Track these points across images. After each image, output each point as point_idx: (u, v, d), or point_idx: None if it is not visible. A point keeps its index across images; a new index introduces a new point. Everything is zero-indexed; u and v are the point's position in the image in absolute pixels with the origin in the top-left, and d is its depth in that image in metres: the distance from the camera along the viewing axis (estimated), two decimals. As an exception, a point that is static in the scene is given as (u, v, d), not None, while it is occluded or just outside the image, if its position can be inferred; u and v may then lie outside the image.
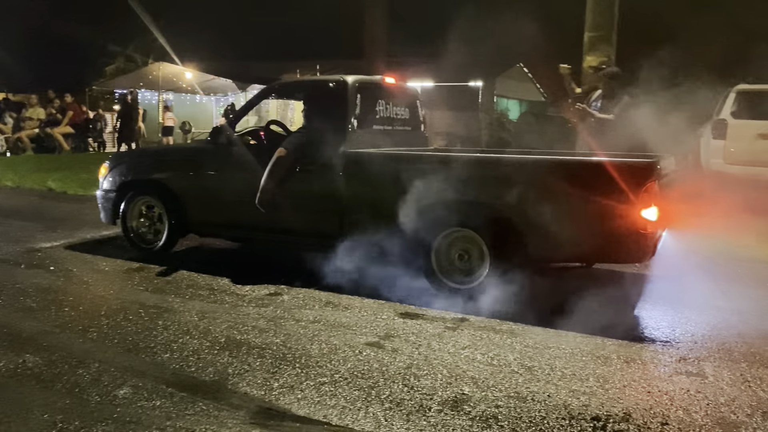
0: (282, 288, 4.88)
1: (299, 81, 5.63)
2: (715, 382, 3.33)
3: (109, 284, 4.93)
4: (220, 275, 5.20)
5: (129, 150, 14.03)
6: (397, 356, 3.57)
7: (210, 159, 5.59)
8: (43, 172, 11.79)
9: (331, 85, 5.29)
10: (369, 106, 5.43)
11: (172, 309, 4.33)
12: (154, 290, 4.79)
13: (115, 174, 6.08)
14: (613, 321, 4.13)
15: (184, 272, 5.30)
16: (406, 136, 5.95)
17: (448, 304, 4.45)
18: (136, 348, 3.61)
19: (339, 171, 4.99)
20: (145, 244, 5.93)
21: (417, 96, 6.25)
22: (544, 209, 4.33)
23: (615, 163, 4.23)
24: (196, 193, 5.62)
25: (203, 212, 5.66)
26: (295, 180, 5.13)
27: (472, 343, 3.80)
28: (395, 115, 5.80)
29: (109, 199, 6.07)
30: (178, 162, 5.82)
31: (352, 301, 4.60)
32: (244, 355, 3.54)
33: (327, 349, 3.65)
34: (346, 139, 5.07)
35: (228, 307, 4.41)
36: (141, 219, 5.95)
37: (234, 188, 5.45)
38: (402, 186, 4.73)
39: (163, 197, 5.78)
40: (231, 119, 5.57)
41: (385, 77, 5.75)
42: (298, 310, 4.36)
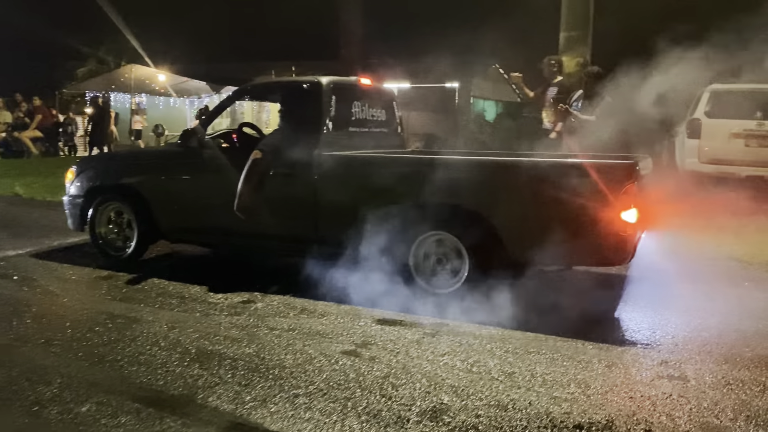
0: (256, 295, 4.74)
1: (273, 82, 5.49)
2: (697, 385, 3.27)
3: (75, 294, 4.76)
4: (191, 283, 5.04)
5: (97, 154, 13.69)
6: (375, 365, 3.46)
7: (180, 163, 5.43)
8: (10, 177, 11.48)
9: (305, 86, 5.17)
10: (344, 107, 5.32)
11: (141, 319, 4.17)
12: (122, 299, 4.63)
13: (82, 179, 5.89)
14: (594, 324, 4.08)
15: (155, 280, 5.13)
16: (382, 137, 5.85)
17: (428, 309, 4.34)
18: (102, 361, 3.45)
19: (313, 174, 4.87)
20: (114, 251, 5.75)
21: (393, 97, 6.16)
22: (522, 212, 4.27)
23: (594, 165, 4.18)
24: (166, 198, 5.46)
25: (173, 218, 5.50)
26: (270, 183, 5.00)
27: (452, 350, 3.70)
28: (371, 117, 5.70)
29: (77, 205, 5.87)
30: (147, 166, 5.65)
31: (328, 307, 4.48)
32: (215, 366, 3.41)
33: (302, 359, 3.53)
34: (320, 142, 4.96)
35: (199, 316, 4.27)
36: (110, 225, 5.77)
37: (205, 192, 5.31)
38: (378, 189, 4.63)
39: (132, 203, 5.61)
40: (202, 122, 5.42)
41: (360, 78, 5.65)
42: (272, 318, 4.24)
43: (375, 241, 4.57)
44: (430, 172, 4.46)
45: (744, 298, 4.77)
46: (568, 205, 4.09)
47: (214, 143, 5.48)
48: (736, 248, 5.98)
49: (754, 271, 5.64)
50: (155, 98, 23.56)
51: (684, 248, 5.47)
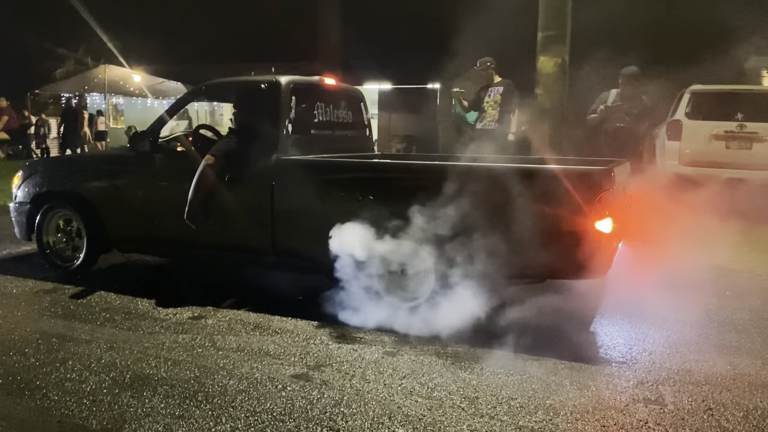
0: (208, 310, 4.42)
1: (228, 82, 5.15)
2: (675, 410, 3.01)
3: (12, 310, 4.40)
4: (141, 296, 4.71)
5: (43, 158, 13.18)
6: (326, 391, 3.16)
7: (129, 168, 5.09)
8: (-29, 181, 11.03)
9: (262, 86, 4.85)
10: (306, 108, 5.01)
11: (78, 339, 3.84)
12: (62, 316, 4.29)
13: (29, 184, 5.53)
14: (567, 340, 3.82)
15: (102, 293, 4.79)
16: (348, 140, 5.55)
17: (390, 324, 4.05)
18: (23, 390, 3.12)
19: (271, 180, 4.55)
20: (62, 261, 5.40)
21: (361, 98, 5.86)
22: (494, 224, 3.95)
23: (566, 172, 3.90)
24: (116, 206, 5.12)
25: (123, 226, 5.16)
26: (224, 191, 4.68)
27: (412, 371, 3.41)
28: (336, 119, 5.40)
29: (23, 213, 5.52)
30: (95, 171, 5.29)
31: (284, 323, 4.17)
32: (149, 394, 3.09)
33: (246, 385, 3.21)
34: (278, 146, 4.65)
35: (142, 334, 3.94)
36: (58, 234, 5.42)
37: (156, 200, 4.98)
38: (340, 196, 4.34)
39: (80, 210, 5.26)
40: (154, 124, 5.08)
41: (324, 78, 5.34)
42: (221, 336, 3.92)
43: (335, 252, 4.27)
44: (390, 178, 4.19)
45: (725, 309, 4.54)
46: (539, 215, 3.80)
47: (167, 147, 5.16)
48: (718, 255, 5.74)
49: (735, 279, 5.42)
50: (132, 99, 23.09)
51: (663, 256, 5.22)
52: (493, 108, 8.02)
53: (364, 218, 4.17)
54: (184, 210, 4.61)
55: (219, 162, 4.61)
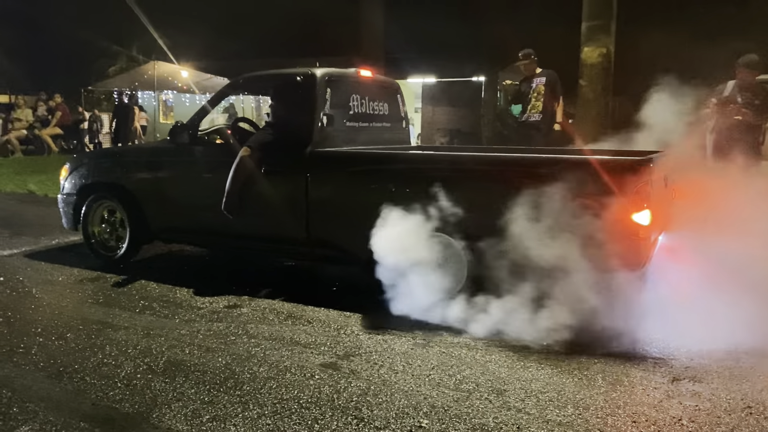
0: (243, 299, 4.49)
1: (265, 74, 5.19)
2: (712, 408, 2.91)
3: (57, 297, 4.56)
4: (180, 285, 4.82)
5: (90, 150, 13.52)
6: (353, 380, 3.17)
7: (170, 160, 5.21)
8: (26, 174, 11.49)
9: (298, 78, 4.88)
10: (341, 101, 5.03)
11: (117, 325, 3.95)
12: (103, 303, 4.42)
13: (75, 176, 5.71)
14: (601, 335, 3.72)
15: (142, 282, 4.92)
16: (384, 133, 5.54)
17: (423, 317, 4.03)
18: (62, 373, 3.23)
19: (305, 172, 4.59)
20: (106, 251, 5.56)
21: (397, 90, 5.84)
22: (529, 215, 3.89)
23: (602, 162, 3.81)
24: (157, 197, 5.25)
25: (164, 217, 5.28)
26: (260, 182, 4.74)
27: (440, 363, 3.39)
28: (372, 111, 5.39)
29: (70, 204, 5.71)
30: (137, 163, 5.43)
31: (316, 313, 4.20)
32: (181, 379, 3.16)
33: (275, 372, 3.25)
34: (313, 138, 4.67)
35: (178, 322, 4.03)
36: (102, 225, 5.59)
37: (196, 191, 5.08)
38: (374, 188, 4.35)
39: (123, 201, 5.41)
40: (193, 117, 5.17)
41: (360, 70, 5.34)
42: (254, 324, 3.97)
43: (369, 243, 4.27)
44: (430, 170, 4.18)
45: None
46: (574, 206, 3.72)
47: (206, 139, 5.25)
48: (767, 251, 5.51)
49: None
50: (182, 95, 23.57)
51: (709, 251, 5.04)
52: (537, 99, 7.90)
53: (398, 210, 4.16)
54: (222, 201, 4.69)
55: (255, 153, 4.67)
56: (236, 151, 4.73)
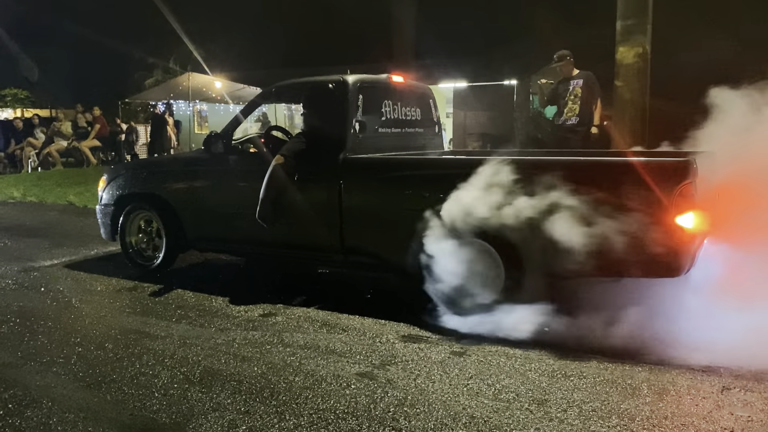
0: (278, 308, 4.48)
1: (297, 82, 5.19)
2: (766, 419, 2.78)
3: (95, 307, 4.61)
4: (215, 294, 4.84)
5: (127, 161, 13.69)
6: (390, 390, 3.12)
7: (204, 169, 5.25)
8: (66, 186, 11.74)
9: (330, 86, 4.88)
10: (373, 107, 5.00)
11: (153, 334, 3.97)
12: (140, 312, 4.46)
13: (113, 187, 5.79)
14: (645, 341, 3.60)
15: (178, 291, 4.96)
16: (417, 138, 5.50)
17: (459, 324, 3.97)
18: (100, 383, 3.25)
19: (338, 179, 4.57)
20: (143, 260, 5.62)
21: (429, 95, 5.79)
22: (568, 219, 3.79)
23: (644, 164, 3.70)
24: (191, 206, 5.29)
25: (200, 226, 5.32)
26: (294, 190, 4.74)
27: (479, 372, 3.32)
28: (405, 117, 5.35)
29: (108, 214, 5.79)
30: (172, 173, 5.48)
31: (351, 321, 4.17)
32: (218, 389, 3.15)
33: (311, 382, 3.22)
34: (346, 144, 4.65)
35: (214, 331, 4.03)
36: (139, 234, 5.65)
37: (230, 200, 5.10)
38: (408, 195, 4.30)
39: (160, 211, 5.47)
40: (227, 126, 5.21)
41: (392, 76, 5.31)
42: (289, 333, 3.95)
43: (403, 251, 4.23)
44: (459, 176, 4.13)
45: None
46: (614, 209, 3.62)
47: (240, 148, 5.27)
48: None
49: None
50: (215, 106, 23.90)
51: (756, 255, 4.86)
52: (573, 102, 7.76)
53: (432, 217, 4.11)
54: (256, 210, 4.70)
55: (288, 161, 4.67)
56: (269, 159, 4.74)
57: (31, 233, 7.67)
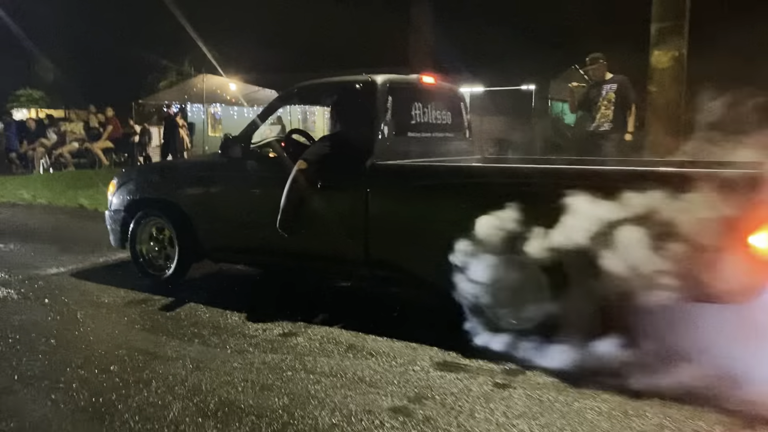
0: (299, 326, 4.12)
1: (321, 83, 4.85)
2: None
3: (102, 322, 4.28)
4: (230, 309, 4.49)
5: (139, 165, 13.31)
6: (430, 430, 2.75)
7: (220, 174, 4.91)
8: (77, 188, 11.47)
9: (357, 86, 4.53)
10: (403, 110, 4.65)
11: (164, 356, 3.62)
12: (150, 329, 4.11)
13: (123, 191, 5.47)
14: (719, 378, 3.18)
15: (191, 305, 4.61)
16: (447, 143, 5.13)
17: (501, 350, 3.59)
18: (103, 415, 2.90)
19: (365, 187, 4.21)
20: (155, 270, 5.29)
21: (461, 97, 5.43)
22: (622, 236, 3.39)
23: (710, 176, 3.30)
24: (206, 214, 4.95)
25: (214, 235, 4.98)
26: (317, 198, 4.39)
27: (528, 410, 2.94)
28: (435, 120, 5.00)
29: (117, 220, 5.47)
30: (186, 178, 5.15)
31: (378, 344, 3.80)
32: (235, 425, 2.79)
33: (339, 418, 2.86)
34: (374, 150, 4.30)
35: (230, 353, 3.68)
36: (151, 243, 5.32)
37: (247, 208, 4.77)
38: (443, 205, 3.94)
39: (172, 218, 5.13)
40: (245, 130, 4.87)
41: (422, 76, 4.96)
42: (312, 357, 3.59)
43: (435, 265, 3.87)
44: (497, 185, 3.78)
45: None
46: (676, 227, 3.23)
47: (259, 153, 4.93)
48: None
49: None
50: (230, 108, 23.64)
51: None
52: (607, 107, 7.37)
53: (469, 229, 3.73)
54: (276, 218, 4.36)
55: (312, 167, 4.32)
56: (290, 165, 4.39)
57: (39, 238, 7.37)
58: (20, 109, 28.50)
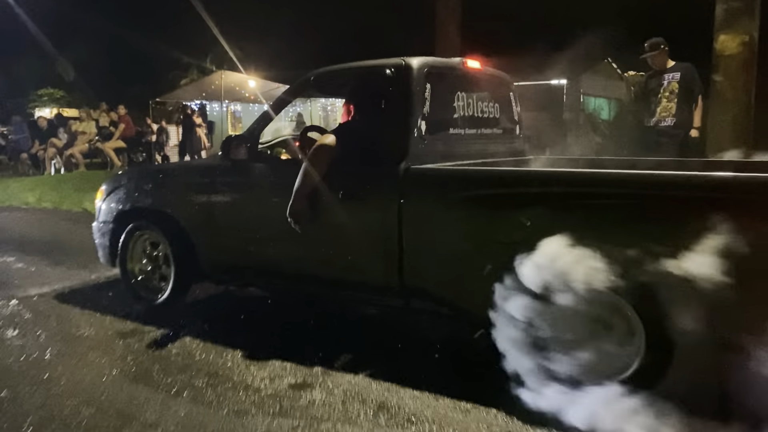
0: (315, 373, 3.27)
1: (343, 69, 4.01)
2: None
3: (74, 365, 3.46)
4: (233, 345, 3.66)
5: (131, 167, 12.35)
6: None
7: (223, 181, 4.07)
8: (85, 191, 10.75)
9: (388, 72, 3.65)
10: (444, 101, 3.78)
11: (142, 419, 2.79)
12: (132, 376, 3.30)
13: (113, 199, 4.68)
14: None
15: (186, 340, 3.80)
16: (496, 142, 4.25)
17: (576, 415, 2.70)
18: None
19: (399, 197, 3.35)
20: (148, 293, 4.49)
21: (510, 86, 4.53)
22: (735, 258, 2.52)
23: None
24: (207, 227, 4.13)
25: (216, 253, 4.16)
26: (339, 209, 3.54)
27: None
28: (481, 114, 4.12)
29: (106, 234, 4.68)
30: (184, 185, 4.33)
31: (418, 403, 2.93)
32: None
33: None
34: (409, 151, 3.44)
35: (227, 413, 2.85)
36: (144, 261, 4.52)
37: (255, 220, 3.93)
38: (499, 222, 3.08)
39: (168, 232, 4.32)
40: (252, 127, 4.04)
41: (466, 60, 4.08)
42: (332, 424, 2.74)
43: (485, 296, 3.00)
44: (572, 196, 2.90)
45: None
46: None
47: (270, 154, 4.11)
48: None
49: None
50: (249, 106, 22.93)
51: None
52: (669, 99, 6.42)
53: (536, 254, 2.86)
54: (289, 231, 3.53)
55: (341, 145, 3.48)
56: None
57: (32, 248, 6.63)
58: (42, 109, 28.17)
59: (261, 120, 4.06)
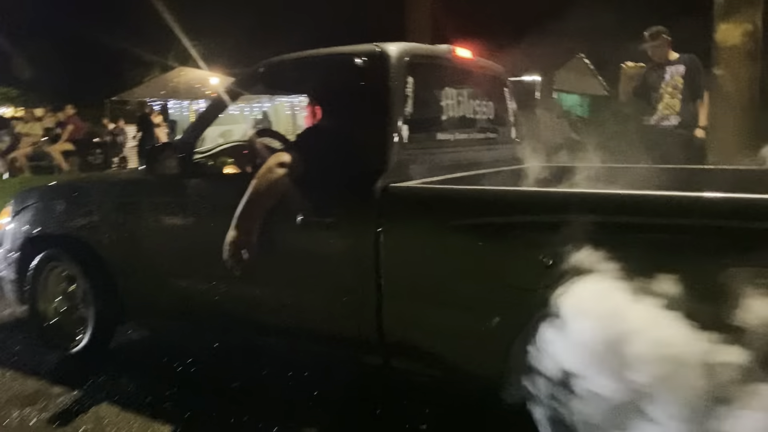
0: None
1: (302, 58, 3.15)
2: None
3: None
4: (163, 419, 2.81)
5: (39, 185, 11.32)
6: None
7: (149, 200, 3.22)
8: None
9: (358, 61, 2.83)
10: (430, 99, 3.00)
11: None
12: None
13: (20, 222, 3.78)
14: None
15: (102, 408, 2.93)
16: (490, 147, 3.48)
17: None
18: None
19: (375, 224, 2.53)
20: (62, 340, 3.60)
21: (503, 80, 3.77)
22: None
23: None
24: (131, 258, 3.27)
25: (143, 290, 3.30)
26: (297, 239, 2.73)
27: None
28: (474, 114, 3.33)
29: (12, 264, 3.78)
30: (98, 206, 3.44)
31: None
32: None
33: None
34: (388, 162, 2.64)
35: None
36: (58, 299, 3.63)
37: (189, 250, 3.09)
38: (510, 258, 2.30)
39: (85, 264, 3.45)
40: (186, 134, 3.21)
41: (455, 48, 3.29)
42: None
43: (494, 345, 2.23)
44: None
45: None
46: None
47: (209, 166, 3.27)
48: None
49: None
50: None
51: None
52: (672, 95, 5.71)
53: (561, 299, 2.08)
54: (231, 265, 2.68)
55: (297, 163, 2.64)
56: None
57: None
58: (-2, 109, 26.71)
59: (198, 123, 3.21)
